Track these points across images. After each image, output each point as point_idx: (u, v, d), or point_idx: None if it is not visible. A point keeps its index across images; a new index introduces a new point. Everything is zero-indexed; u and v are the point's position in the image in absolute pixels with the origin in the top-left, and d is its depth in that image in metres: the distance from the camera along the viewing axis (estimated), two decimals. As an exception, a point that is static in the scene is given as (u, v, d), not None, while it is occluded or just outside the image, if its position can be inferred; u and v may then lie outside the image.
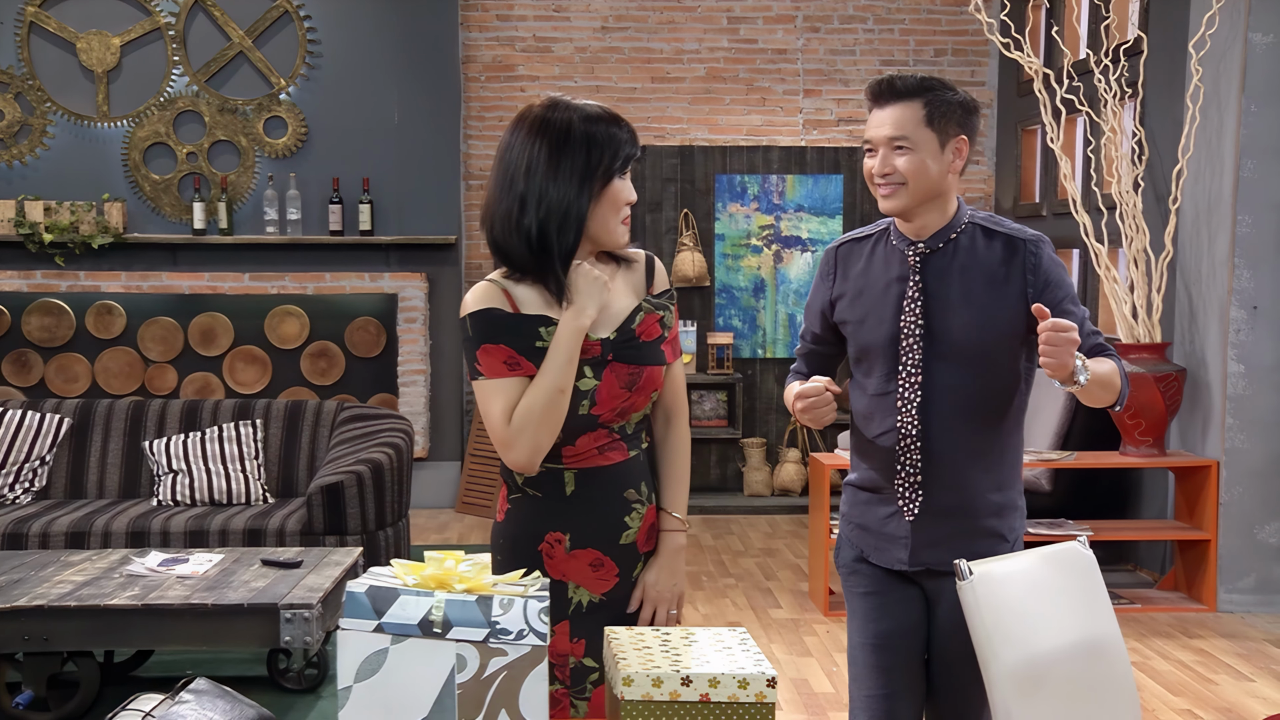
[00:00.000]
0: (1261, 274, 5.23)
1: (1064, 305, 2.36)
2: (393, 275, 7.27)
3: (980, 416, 2.38)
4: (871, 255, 2.48)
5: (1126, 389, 2.40)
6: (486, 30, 7.62)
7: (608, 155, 2.11)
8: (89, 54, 7.18)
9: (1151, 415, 5.32)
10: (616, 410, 2.18)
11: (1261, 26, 5.16)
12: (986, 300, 2.37)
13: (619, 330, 2.18)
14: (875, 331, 2.43)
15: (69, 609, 3.73)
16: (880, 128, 2.36)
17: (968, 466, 2.39)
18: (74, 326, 7.25)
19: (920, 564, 2.42)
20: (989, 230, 2.41)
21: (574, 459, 2.19)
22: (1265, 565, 5.31)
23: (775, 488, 7.53)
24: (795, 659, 4.71)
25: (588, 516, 2.19)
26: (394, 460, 5.12)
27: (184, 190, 7.29)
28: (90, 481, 5.47)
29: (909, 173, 2.33)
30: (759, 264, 7.66)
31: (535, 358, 2.12)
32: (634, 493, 2.23)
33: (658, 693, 1.73)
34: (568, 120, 2.12)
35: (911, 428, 2.38)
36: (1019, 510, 2.46)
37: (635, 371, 2.18)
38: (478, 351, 2.13)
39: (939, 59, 7.74)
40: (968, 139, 2.38)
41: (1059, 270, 2.40)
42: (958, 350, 2.37)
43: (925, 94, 2.34)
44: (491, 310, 2.13)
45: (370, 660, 1.71)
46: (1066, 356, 2.16)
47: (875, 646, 2.47)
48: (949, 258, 2.40)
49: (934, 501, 2.39)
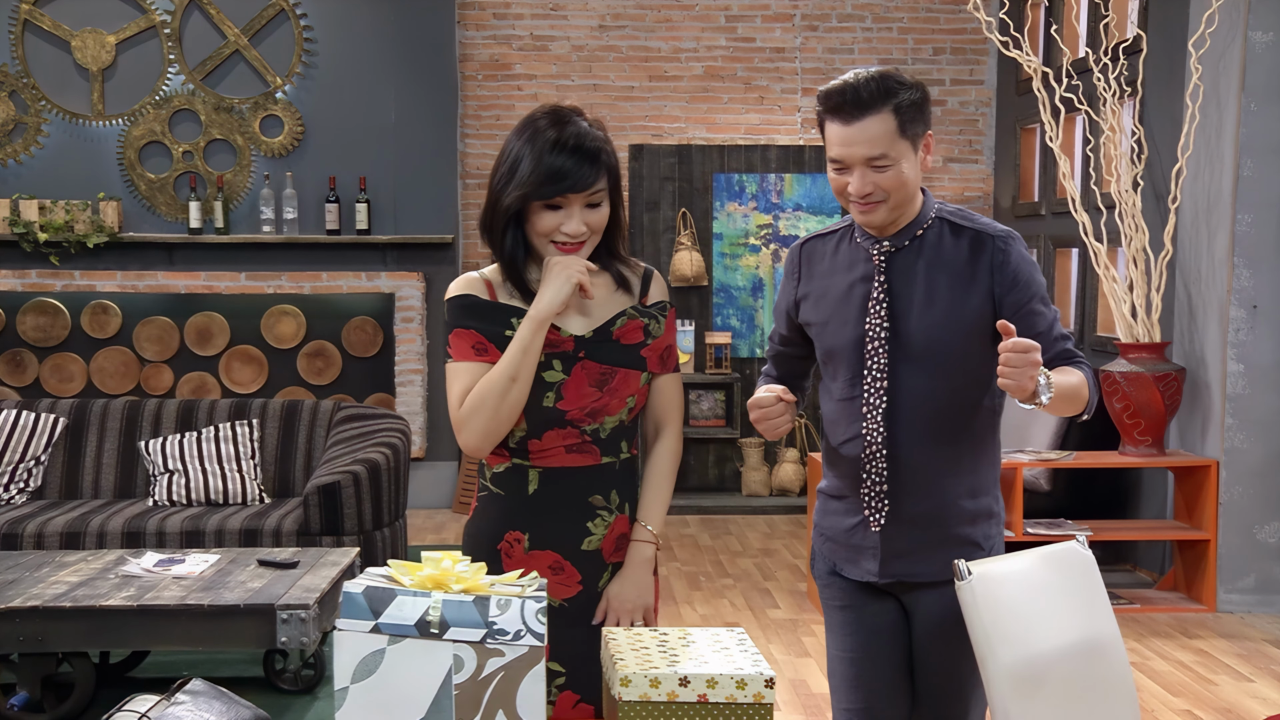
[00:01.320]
0: (1261, 273, 5.22)
1: (1032, 306, 2.27)
2: (389, 275, 7.26)
3: (950, 421, 2.29)
4: (836, 254, 2.38)
5: (1096, 398, 2.29)
6: (484, 29, 7.60)
7: (531, 181, 2.11)
8: (84, 52, 7.16)
9: (1151, 415, 5.32)
10: (586, 409, 2.18)
11: (1261, 25, 5.15)
12: (951, 300, 2.27)
13: (596, 331, 2.19)
14: (839, 334, 2.33)
15: (64, 609, 3.71)
16: (852, 146, 2.21)
17: (937, 473, 2.30)
18: (69, 326, 7.23)
19: (891, 575, 2.34)
20: (956, 226, 2.31)
21: (540, 456, 2.20)
22: (1265, 565, 5.30)
23: (773, 488, 7.52)
24: (793, 659, 4.70)
25: (548, 517, 2.19)
26: (391, 460, 5.11)
27: (180, 189, 7.27)
28: (85, 482, 5.45)
29: (891, 188, 2.22)
30: (757, 263, 7.65)
31: (504, 346, 2.15)
32: (600, 499, 2.22)
33: (655, 693, 1.72)
34: (536, 133, 2.14)
35: (877, 434, 2.29)
36: (995, 517, 2.37)
37: (607, 371, 2.18)
38: (450, 335, 2.20)
39: (937, 57, 7.73)
40: (930, 130, 2.28)
41: (1028, 268, 2.29)
42: (924, 353, 2.27)
43: (890, 100, 2.19)
44: (468, 296, 2.20)
45: (367, 661, 1.70)
46: (1026, 379, 2.06)
47: (852, 660, 2.41)
48: (914, 255, 2.30)
49: (902, 510, 2.31)
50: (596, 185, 2.15)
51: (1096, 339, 6.28)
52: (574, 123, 2.15)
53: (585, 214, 2.15)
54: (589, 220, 2.16)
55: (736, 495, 7.56)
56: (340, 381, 7.35)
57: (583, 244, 2.17)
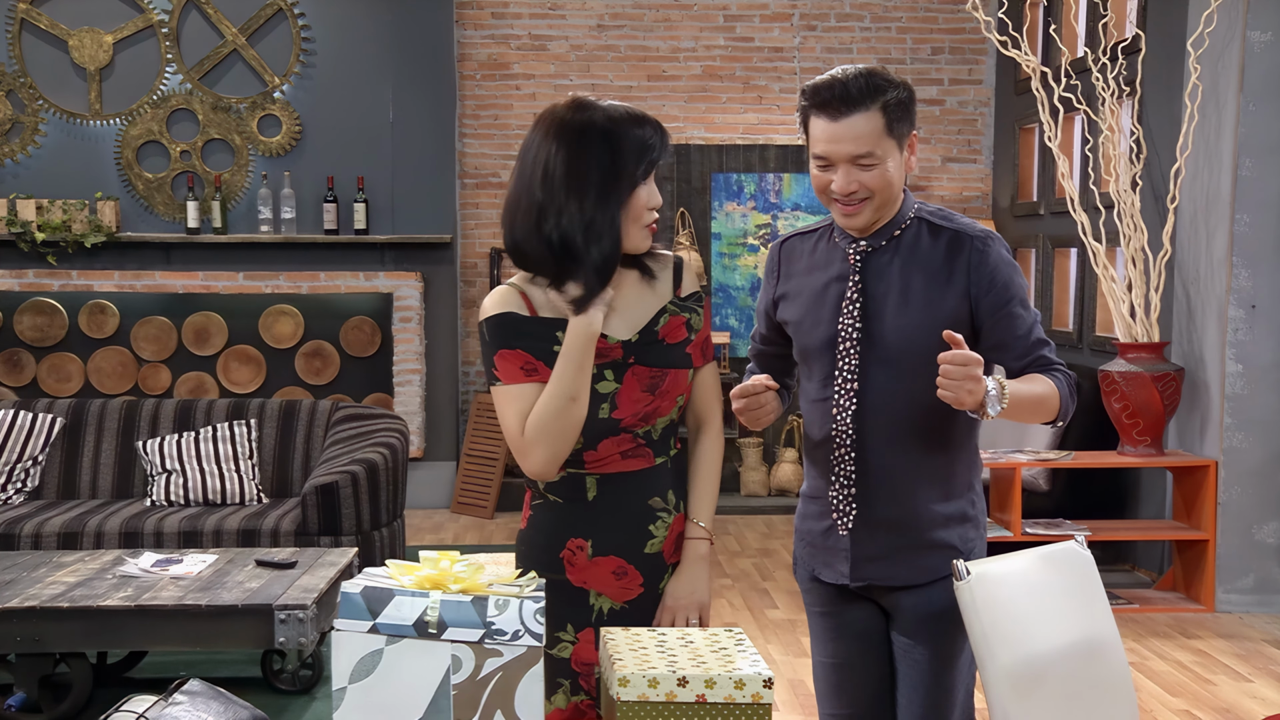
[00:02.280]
0: (1260, 273, 5.22)
1: (1010, 309, 2.22)
2: (388, 274, 7.25)
3: (921, 424, 2.24)
4: (814, 253, 2.35)
5: (1069, 407, 2.24)
6: (482, 28, 7.60)
7: (631, 162, 2.04)
8: (81, 51, 7.16)
9: (1149, 415, 5.31)
10: (639, 415, 2.12)
11: (1260, 25, 5.15)
12: (925, 301, 2.22)
13: (641, 332, 2.12)
14: (813, 334, 2.31)
15: (61, 610, 3.71)
16: (839, 143, 2.17)
17: (908, 477, 2.26)
18: (66, 326, 7.22)
19: (863, 579, 2.31)
20: (935, 226, 2.26)
21: (596, 464, 2.13)
22: (1263, 565, 5.30)
23: (772, 487, 7.52)
24: (792, 659, 4.69)
25: (610, 523, 2.13)
26: (389, 460, 5.10)
27: (177, 189, 7.26)
28: (83, 482, 5.45)
29: (877, 187, 2.19)
30: (755, 263, 7.65)
31: (553, 362, 2.07)
32: (659, 500, 2.17)
33: (654, 693, 1.72)
34: (586, 124, 2.04)
35: (846, 436, 2.26)
36: (973, 520, 2.32)
37: (658, 375, 2.12)
38: (495, 357, 2.09)
39: (936, 57, 7.73)
40: (916, 131, 2.25)
41: (1007, 270, 2.23)
42: (897, 354, 2.23)
43: (879, 98, 2.16)
44: (509, 315, 2.10)
45: (365, 661, 1.69)
46: (963, 393, 2.04)
47: (834, 666, 2.40)
48: (891, 255, 2.26)
49: (870, 514, 2.28)
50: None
51: (1095, 339, 6.28)
52: (605, 102, 2.10)
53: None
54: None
55: (735, 495, 7.55)
56: (338, 381, 7.35)
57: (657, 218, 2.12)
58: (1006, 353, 2.25)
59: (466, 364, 7.69)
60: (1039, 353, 2.25)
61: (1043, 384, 2.20)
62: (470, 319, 7.64)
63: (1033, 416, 2.20)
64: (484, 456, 7.25)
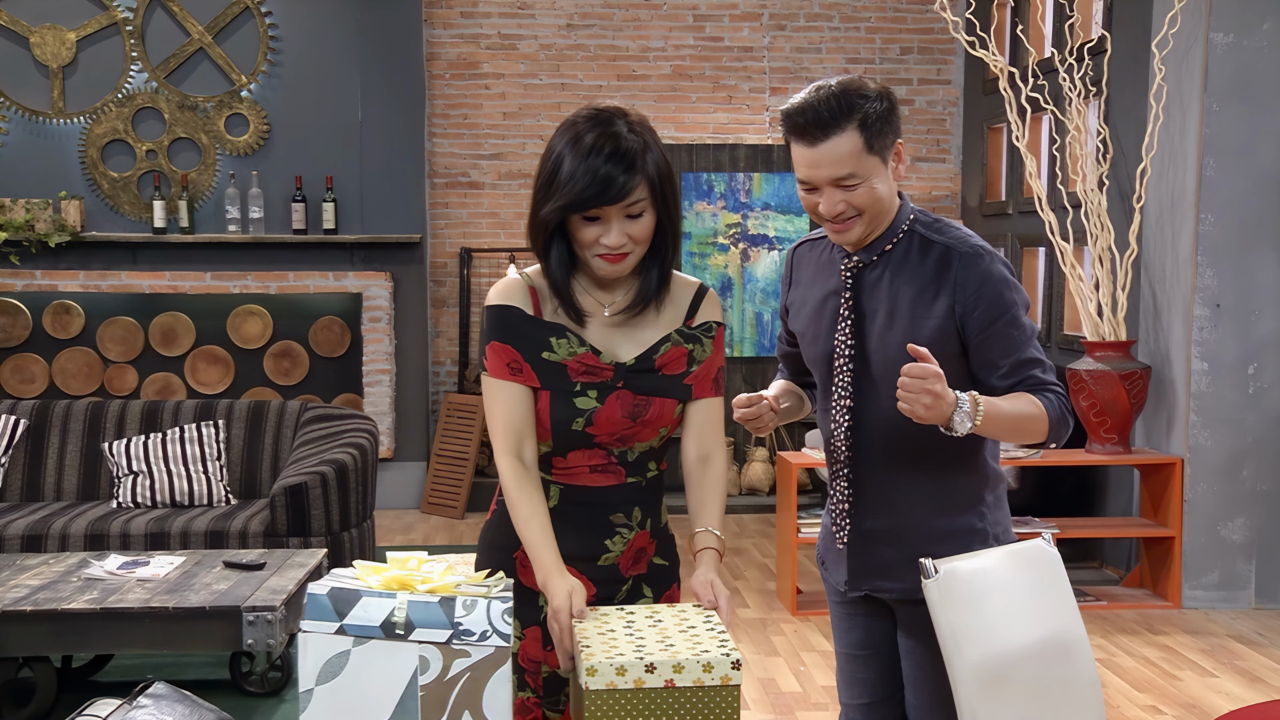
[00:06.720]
0: (1224, 272, 5.27)
1: (997, 327, 2.17)
2: (357, 274, 7.21)
3: (913, 441, 2.21)
4: (819, 262, 2.34)
5: (1060, 431, 2.19)
6: (451, 27, 7.57)
7: (566, 193, 1.98)
8: (43, 49, 7.08)
9: (1116, 413, 5.35)
10: (615, 436, 2.10)
11: (1222, 26, 5.19)
12: (912, 317, 2.19)
13: (639, 358, 2.10)
14: (813, 347, 2.31)
15: (25, 613, 3.67)
16: (818, 168, 2.13)
17: (902, 493, 2.25)
18: (30, 326, 7.14)
19: (860, 590, 2.33)
20: (927, 240, 2.22)
21: (563, 473, 2.12)
22: (1228, 562, 5.35)
23: (743, 487, 7.53)
24: (763, 658, 4.70)
25: (566, 532, 2.09)
26: (358, 461, 5.07)
27: (143, 188, 7.20)
28: (48, 483, 5.39)
29: (864, 205, 2.16)
30: (726, 262, 7.65)
31: (539, 367, 2.06)
32: (622, 517, 2.15)
33: (622, 681, 1.71)
34: (575, 137, 2.01)
35: (841, 452, 2.27)
36: (980, 533, 2.28)
37: (642, 402, 2.09)
38: (487, 346, 2.10)
39: (905, 57, 7.76)
40: (900, 138, 2.21)
41: (998, 287, 2.17)
42: (885, 372, 2.20)
43: (854, 116, 2.10)
44: (510, 309, 2.10)
45: (332, 663, 1.68)
46: (919, 406, 2.01)
47: (851, 656, 2.43)
48: (882, 270, 2.23)
49: (864, 528, 2.29)
50: (633, 195, 1.99)
51: (1063, 337, 6.32)
52: (613, 125, 2.00)
53: (626, 225, 2.01)
54: (631, 231, 2.01)
55: (706, 494, 7.55)
56: (307, 382, 7.30)
57: (625, 255, 2.03)
58: (993, 371, 2.20)
59: (436, 364, 7.67)
60: (1029, 372, 2.19)
61: (1029, 404, 2.15)
62: (439, 319, 7.62)
63: (1017, 436, 2.17)
64: (454, 457, 7.23)
